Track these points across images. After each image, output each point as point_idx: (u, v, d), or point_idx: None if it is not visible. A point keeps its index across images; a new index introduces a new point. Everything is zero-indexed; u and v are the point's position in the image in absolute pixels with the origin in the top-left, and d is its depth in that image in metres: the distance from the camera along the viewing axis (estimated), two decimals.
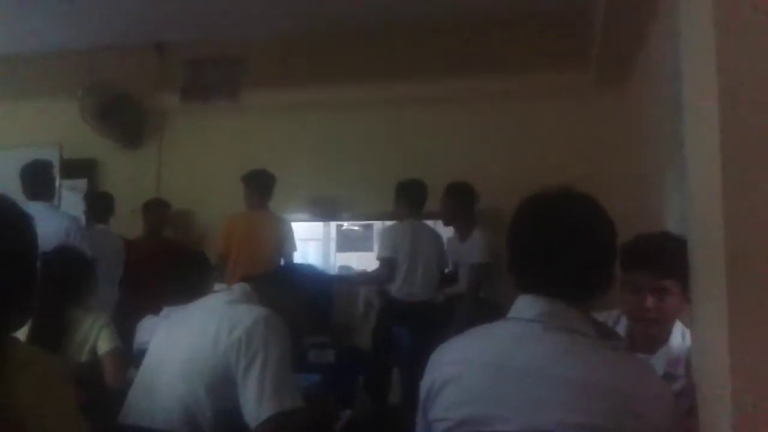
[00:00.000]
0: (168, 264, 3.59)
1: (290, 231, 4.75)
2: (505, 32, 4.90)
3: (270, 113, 5.33)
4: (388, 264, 4.42)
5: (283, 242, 4.68)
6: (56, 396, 1.19)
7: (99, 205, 4.93)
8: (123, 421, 1.79)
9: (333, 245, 5.88)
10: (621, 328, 2.01)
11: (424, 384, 1.40)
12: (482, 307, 3.94)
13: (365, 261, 5.01)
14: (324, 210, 5.38)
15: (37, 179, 4.21)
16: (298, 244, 4.82)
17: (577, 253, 1.34)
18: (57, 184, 4.99)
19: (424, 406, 1.41)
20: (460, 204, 4.39)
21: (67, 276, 2.62)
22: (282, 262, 4.52)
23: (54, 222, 3.86)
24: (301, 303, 1.99)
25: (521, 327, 1.33)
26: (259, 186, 4.70)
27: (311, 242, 5.83)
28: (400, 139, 5.13)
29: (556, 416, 1.21)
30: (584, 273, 1.35)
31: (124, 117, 5.44)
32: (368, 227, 5.61)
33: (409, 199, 4.46)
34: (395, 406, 4.10)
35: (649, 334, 1.92)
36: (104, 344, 2.67)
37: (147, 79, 5.49)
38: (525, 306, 1.36)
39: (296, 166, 5.15)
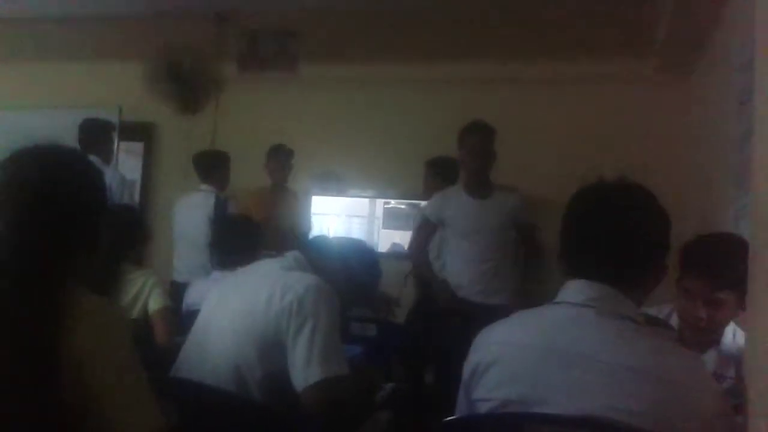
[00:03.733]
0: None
1: (306, 207, 4.70)
2: (563, 13, 4.80)
3: (325, 86, 5.33)
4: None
5: (298, 218, 4.63)
6: (116, 344, 1.22)
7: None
8: (174, 375, 1.84)
9: (378, 223, 5.88)
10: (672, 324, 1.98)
11: (469, 364, 1.41)
12: None
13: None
14: (371, 186, 5.40)
15: (96, 136, 4.34)
16: (345, 220, 4.83)
17: (628, 240, 1.34)
18: (114, 147, 5.07)
19: (467, 386, 1.41)
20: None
21: (116, 231, 2.65)
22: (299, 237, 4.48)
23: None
24: (350, 275, 2.01)
25: (571, 311, 1.33)
26: (280, 161, 4.73)
27: (356, 219, 5.84)
28: (453, 119, 5.08)
29: (603, 401, 1.20)
30: (635, 261, 1.35)
31: (184, 83, 5.54)
32: (414, 206, 5.59)
33: (444, 175, 4.41)
34: (430, 384, 4.10)
35: (698, 340, 1.90)
36: (154, 303, 2.70)
37: (206, 48, 5.56)
38: (575, 291, 1.36)
39: (348, 140, 5.16)
